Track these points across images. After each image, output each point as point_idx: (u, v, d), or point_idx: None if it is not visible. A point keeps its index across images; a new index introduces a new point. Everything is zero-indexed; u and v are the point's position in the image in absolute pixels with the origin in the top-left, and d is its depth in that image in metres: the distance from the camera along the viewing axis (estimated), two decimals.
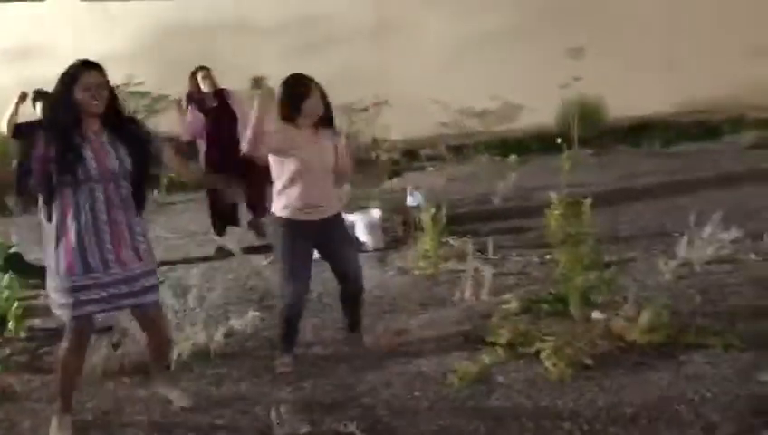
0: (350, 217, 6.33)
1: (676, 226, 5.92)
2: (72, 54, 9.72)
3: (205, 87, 6.44)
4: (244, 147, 3.88)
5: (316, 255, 4.18)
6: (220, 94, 6.53)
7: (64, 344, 3.40)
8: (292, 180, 3.95)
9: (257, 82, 9.09)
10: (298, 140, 3.92)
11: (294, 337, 4.19)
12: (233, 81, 6.68)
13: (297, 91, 3.93)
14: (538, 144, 11.03)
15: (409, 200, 6.26)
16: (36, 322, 4.95)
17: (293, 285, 4.00)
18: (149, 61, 9.90)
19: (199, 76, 6.47)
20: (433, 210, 5.87)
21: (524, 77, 11.59)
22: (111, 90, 3.33)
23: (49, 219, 3.26)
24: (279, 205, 4.02)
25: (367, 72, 11.05)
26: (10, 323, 4.68)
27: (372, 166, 9.31)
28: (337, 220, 4.18)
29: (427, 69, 11.27)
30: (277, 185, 4.03)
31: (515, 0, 11.99)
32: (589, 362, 3.86)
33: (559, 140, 8.12)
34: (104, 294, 3.28)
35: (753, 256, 5.48)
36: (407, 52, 11.35)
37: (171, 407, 3.71)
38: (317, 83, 3.97)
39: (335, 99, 4.27)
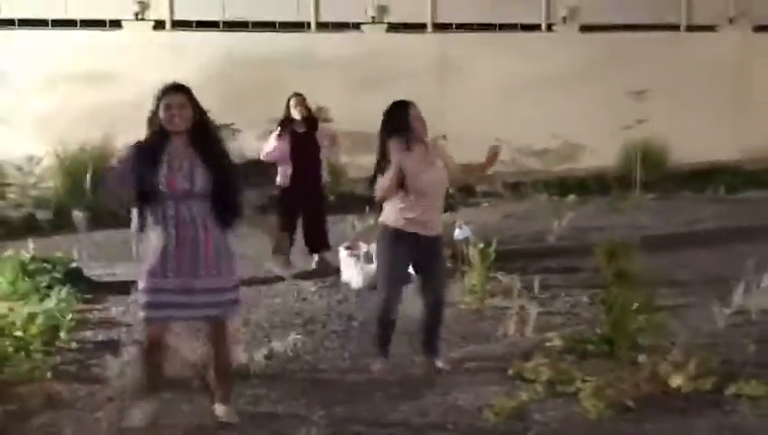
0: None
1: (735, 273, 5.72)
2: (143, 81, 10.08)
3: (296, 114, 6.60)
4: (378, 195, 4.19)
5: None
6: (309, 122, 6.67)
7: (143, 341, 3.70)
8: (407, 198, 4.15)
9: (319, 114, 9.15)
10: (414, 164, 4.13)
11: (387, 343, 4.37)
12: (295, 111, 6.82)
13: (402, 115, 4.18)
14: (598, 185, 10.88)
15: (457, 234, 6.24)
16: (88, 334, 5.10)
17: (389, 292, 4.25)
18: (215, 90, 10.13)
19: (292, 102, 6.64)
20: (481, 245, 5.84)
21: (587, 118, 11.51)
22: (199, 111, 3.56)
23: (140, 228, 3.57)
24: (391, 216, 4.22)
25: (427, 106, 11.01)
26: (62, 334, 4.85)
27: None
28: (438, 241, 4.36)
29: (488, 106, 11.29)
30: (393, 200, 4.20)
31: (580, 42, 11.97)
32: (630, 404, 3.76)
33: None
34: (168, 300, 3.49)
35: None
36: (468, 88, 11.41)
37: (208, 423, 3.76)
38: (413, 104, 4.24)
39: None
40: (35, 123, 9.64)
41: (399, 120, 4.19)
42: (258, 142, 7.78)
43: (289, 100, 6.75)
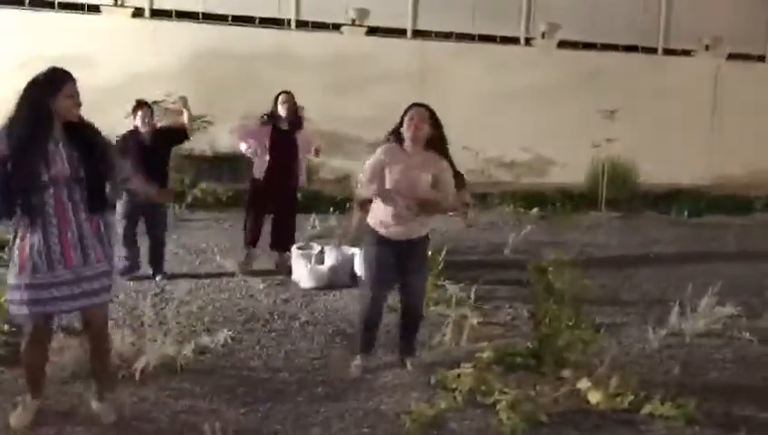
0: (350, 250, 6.41)
1: (678, 296, 5.82)
2: (119, 67, 10.03)
3: (282, 110, 6.60)
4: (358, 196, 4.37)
5: None
6: (293, 121, 6.66)
7: (25, 340, 3.60)
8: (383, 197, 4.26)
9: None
10: (396, 161, 4.22)
11: (368, 343, 4.51)
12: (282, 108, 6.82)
13: (401, 119, 4.28)
14: (564, 200, 10.97)
15: None
16: None
17: (371, 292, 4.35)
18: (190, 81, 10.18)
19: (280, 99, 6.64)
20: (430, 252, 5.88)
21: (559, 133, 11.61)
22: None
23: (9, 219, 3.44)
24: (372, 217, 4.37)
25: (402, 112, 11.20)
26: None
27: None
28: (420, 244, 4.41)
29: (462, 115, 11.30)
30: (375, 204, 4.35)
31: (557, 58, 12.07)
32: (544, 418, 3.82)
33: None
34: (56, 294, 3.42)
35: (746, 335, 5.34)
36: (444, 96, 11.38)
37: (126, 413, 3.78)
38: (423, 110, 4.28)
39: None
40: (4, 104, 9.60)
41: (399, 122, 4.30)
42: (230, 136, 7.73)
43: (277, 96, 6.76)
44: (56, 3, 10.51)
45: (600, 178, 10.91)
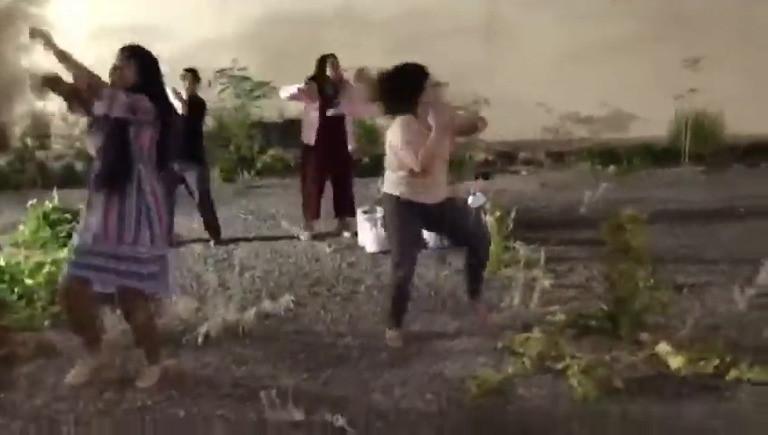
0: None
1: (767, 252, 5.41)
2: (185, 35, 10.06)
3: (330, 74, 6.50)
4: (417, 166, 3.99)
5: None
6: (340, 85, 6.54)
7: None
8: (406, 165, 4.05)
9: (360, 74, 9.09)
10: (417, 130, 4.04)
11: (401, 314, 4.29)
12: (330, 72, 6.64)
13: (414, 86, 4.05)
14: (645, 156, 10.47)
15: (471, 201, 6.06)
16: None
17: (401, 263, 4.14)
18: (255, 48, 10.18)
19: (328, 63, 6.55)
20: (498, 213, 5.67)
21: (639, 85, 11.04)
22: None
23: None
24: (392, 184, 4.15)
25: (472, 69, 10.86)
26: None
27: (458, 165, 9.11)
28: (449, 203, 4.28)
29: (535, 71, 10.94)
30: (394, 167, 4.15)
31: (633, 7, 11.43)
32: (620, 384, 3.59)
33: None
34: (100, 263, 3.47)
35: None
36: (515, 52, 11.08)
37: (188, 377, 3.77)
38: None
39: None
40: None
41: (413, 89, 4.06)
42: (295, 102, 7.66)
43: (324, 60, 6.63)
44: None
45: (684, 132, 10.34)
